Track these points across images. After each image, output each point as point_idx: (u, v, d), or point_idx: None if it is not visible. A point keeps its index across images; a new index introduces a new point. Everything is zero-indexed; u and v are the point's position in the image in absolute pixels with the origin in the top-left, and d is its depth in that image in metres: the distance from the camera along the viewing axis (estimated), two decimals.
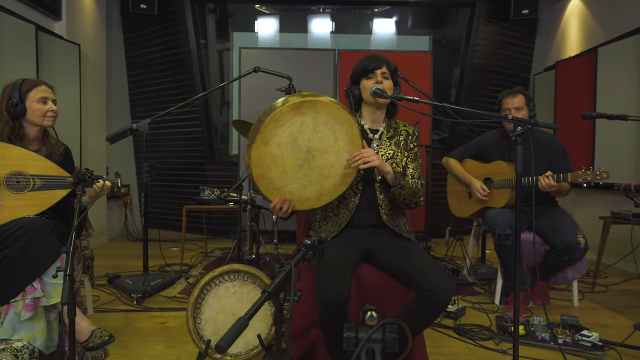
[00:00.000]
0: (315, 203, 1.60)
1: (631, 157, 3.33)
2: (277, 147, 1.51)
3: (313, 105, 1.51)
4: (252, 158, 1.50)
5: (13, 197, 1.67)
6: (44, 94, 1.81)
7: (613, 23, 3.65)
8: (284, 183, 1.55)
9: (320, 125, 1.53)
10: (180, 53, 4.64)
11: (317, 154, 1.55)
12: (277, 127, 1.50)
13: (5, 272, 1.56)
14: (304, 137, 1.53)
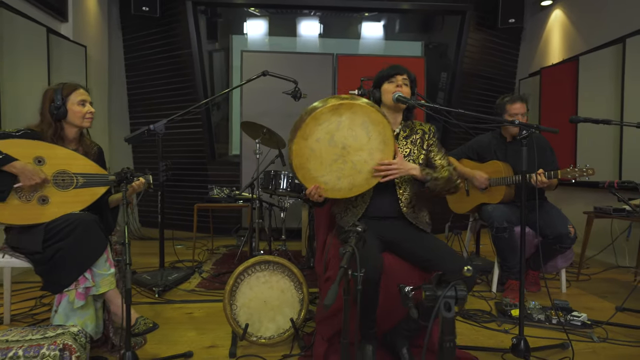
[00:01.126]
0: (347, 193, 1.78)
1: (609, 157, 3.64)
2: (315, 142, 1.69)
3: (350, 107, 1.68)
4: (292, 150, 1.69)
5: (60, 194, 1.79)
6: (83, 97, 1.93)
7: (593, 34, 3.96)
8: (319, 174, 1.72)
9: (356, 125, 1.70)
10: (181, 55, 4.73)
11: (351, 151, 1.72)
12: (317, 125, 1.68)
13: (60, 263, 1.67)
14: (341, 135, 1.70)
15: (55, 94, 1.85)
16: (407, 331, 1.76)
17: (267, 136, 3.46)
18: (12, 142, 1.70)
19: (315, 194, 1.73)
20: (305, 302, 1.99)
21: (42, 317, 2.28)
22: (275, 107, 4.53)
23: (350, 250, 1.10)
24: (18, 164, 1.64)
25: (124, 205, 1.72)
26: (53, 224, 1.72)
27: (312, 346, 1.89)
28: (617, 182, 2.33)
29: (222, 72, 5.38)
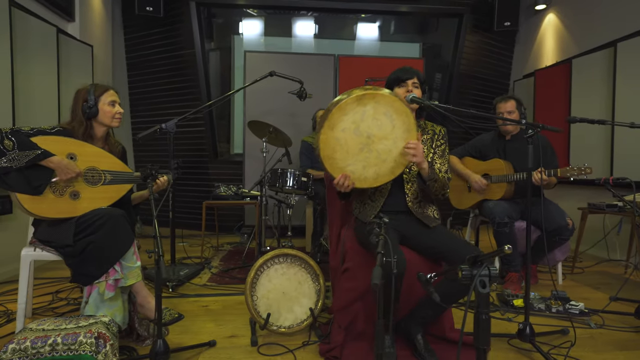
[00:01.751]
0: (373, 183, 1.82)
1: (600, 156, 3.81)
2: (341, 132, 1.73)
3: (373, 97, 1.72)
4: (320, 141, 1.73)
5: (89, 189, 1.86)
6: (113, 98, 2.01)
7: (585, 37, 4.13)
8: (346, 163, 1.76)
9: (380, 114, 1.74)
10: (183, 55, 4.79)
11: (376, 140, 1.76)
12: (342, 115, 1.72)
13: (91, 256, 1.75)
14: (365, 124, 1.74)
15: (89, 94, 1.92)
16: (422, 318, 1.87)
17: (273, 135, 3.55)
18: (46, 139, 1.76)
19: (345, 183, 1.75)
20: (322, 293, 2.09)
21: (63, 311, 2.34)
22: (278, 106, 4.62)
23: (383, 238, 1.20)
24: (55, 159, 1.71)
25: (152, 200, 1.80)
26: (84, 218, 1.79)
27: (329, 334, 1.98)
28: (612, 178, 2.47)
29: (218, 72, 5.40)
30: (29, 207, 1.69)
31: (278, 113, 4.57)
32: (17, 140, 1.67)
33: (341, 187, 1.77)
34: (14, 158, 1.65)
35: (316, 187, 3.51)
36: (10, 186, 1.66)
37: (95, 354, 1.56)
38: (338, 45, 5.75)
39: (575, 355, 1.85)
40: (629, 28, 3.58)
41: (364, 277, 1.94)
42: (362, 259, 1.95)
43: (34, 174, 1.70)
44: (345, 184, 1.75)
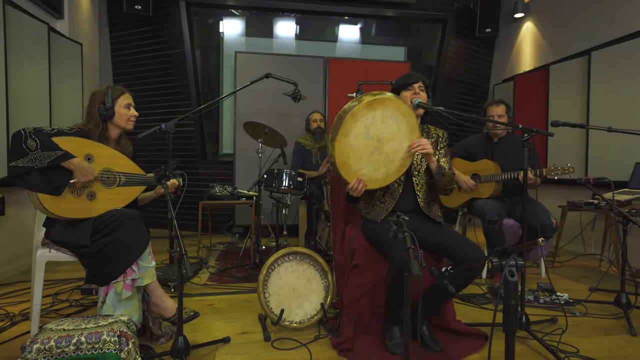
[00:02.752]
0: (383, 182, 1.91)
1: (576, 157, 4.06)
2: (354, 138, 1.81)
3: (382, 102, 1.82)
4: (335, 149, 1.78)
5: (105, 191, 1.87)
6: (128, 101, 2.03)
7: (561, 45, 4.38)
8: (359, 167, 1.84)
9: (387, 117, 1.84)
10: (173, 55, 4.76)
11: (385, 142, 1.85)
12: (355, 122, 1.79)
13: (108, 256, 1.76)
14: (375, 128, 1.82)
15: (106, 96, 1.94)
16: (425, 312, 1.98)
17: (269, 135, 3.60)
18: (66, 139, 1.77)
19: (359, 187, 1.83)
20: (330, 289, 2.18)
21: (67, 312, 2.33)
22: (268, 107, 4.67)
23: (409, 235, 1.30)
24: (76, 161, 1.72)
25: (169, 201, 1.84)
26: (101, 218, 1.80)
27: (339, 328, 2.07)
28: (592, 178, 2.67)
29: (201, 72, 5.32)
30: (49, 207, 1.69)
31: (269, 114, 4.62)
32: (40, 140, 1.68)
33: (355, 191, 1.85)
34: (35, 158, 1.66)
35: (310, 187, 3.59)
36: (31, 185, 1.66)
37: (119, 352, 1.59)
38: (320, 47, 5.77)
39: (566, 341, 2.01)
40: (602, 38, 3.84)
41: (373, 273, 2.04)
42: (370, 256, 2.05)
43: (54, 175, 1.71)
44: (359, 187, 1.83)
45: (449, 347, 1.92)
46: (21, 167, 1.66)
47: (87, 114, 1.98)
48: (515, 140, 3.13)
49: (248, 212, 4.70)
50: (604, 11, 3.88)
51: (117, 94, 1.99)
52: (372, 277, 2.06)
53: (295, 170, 3.48)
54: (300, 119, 4.72)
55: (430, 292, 1.97)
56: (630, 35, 3.57)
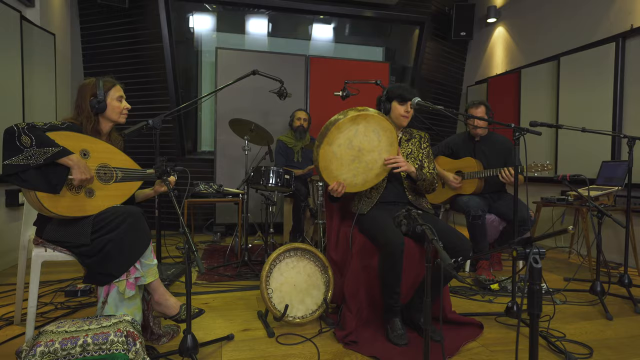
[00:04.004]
0: (361, 188, 2.14)
1: (547, 155, 4.30)
2: (337, 147, 2.03)
3: (365, 117, 2.02)
4: (319, 155, 2.01)
5: (103, 187, 1.81)
6: (120, 93, 1.96)
7: (532, 50, 4.62)
8: (339, 172, 2.07)
9: (370, 131, 2.06)
10: (150, 49, 4.61)
11: (365, 152, 2.07)
12: (339, 133, 2.01)
13: (111, 255, 1.70)
14: (357, 140, 2.05)
15: (97, 88, 1.87)
16: (420, 303, 2.06)
17: (254, 133, 3.58)
18: (59, 134, 1.69)
19: (339, 189, 2.04)
20: (331, 284, 2.20)
21: (53, 315, 2.23)
22: (249, 104, 4.63)
23: (427, 227, 1.35)
24: (74, 157, 1.65)
25: (173, 198, 1.81)
26: (101, 216, 1.74)
27: (340, 321, 2.11)
28: (569, 175, 2.85)
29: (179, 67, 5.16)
30: (49, 206, 1.61)
31: (250, 111, 4.58)
32: (35, 136, 1.59)
33: (335, 192, 2.06)
34: (31, 155, 1.57)
35: (296, 185, 3.60)
36: (28, 184, 1.58)
37: (127, 352, 1.55)
38: (292, 44, 5.74)
39: (553, 327, 2.14)
40: (570, 45, 4.09)
41: (370, 265, 2.11)
42: (366, 249, 2.12)
43: (51, 172, 1.62)
44: (339, 189, 2.05)
45: (448, 336, 2.00)
46: (17, 165, 1.57)
47: (76, 107, 1.89)
48: (496, 140, 3.29)
49: (230, 210, 4.64)
50: (571, 20, 4.13)
51: (108, 86, 1.93)
52: (369, 269, 2.11)
53: (282, 168, 3.47)
54: (283, 117, 4.71)
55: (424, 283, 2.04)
56: (595, 43, 3.82)
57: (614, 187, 3.18)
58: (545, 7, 4.47)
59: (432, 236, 1.30)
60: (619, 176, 3.25)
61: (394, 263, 1.92)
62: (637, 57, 3.52)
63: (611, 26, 3.72)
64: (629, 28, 3.56)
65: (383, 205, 2.25)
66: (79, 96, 1.88)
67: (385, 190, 2.26)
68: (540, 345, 1.96)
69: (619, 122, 3.63)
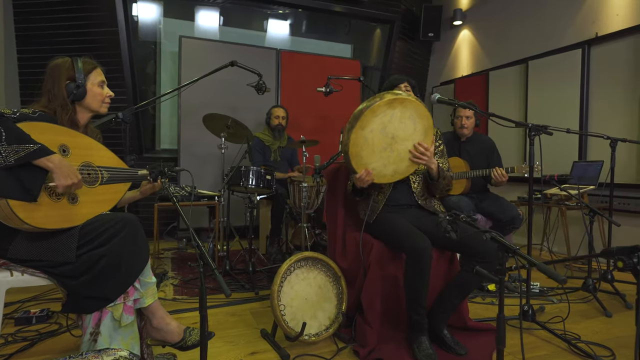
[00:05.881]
0: (390, 179, 1.94)
1: (517, 154, 4.45)
2: (370, 132, 1.82)
3: (402, 102, 1.82)
4: (350, 139, 1.81)
5: (87, 191, 1.46)
6: (102, 77, 1.64)
7: (498, 54, 4.76)
8: (369, 161, 1.86)
9: (406, 118, 1.86)
10: (103, 33, 4.09)
11: (399, 140, 1.88)
12: (374, 117, 1.81)
13: (105, 273, 1.38)
14: (392, 126, 1.85)
15: (75, 71, 1.52)
16: (443, 313, 1.93)
17: (231, 130, 3.28)
18: (33, 127, 1.32)
19: (366, 178, 1.84)
20: (344, 295, 2.01)
21: (7, 352, 1.81)
22: (216, 99, 4.29)
23: (496, 234, 1.22)
24: (56, 159, 1.29)
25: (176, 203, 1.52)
26: (89, 226, 1.40)
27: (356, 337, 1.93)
28: (556, 175, 2.91)
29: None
30: (24, 217, 1.25)
31: (217, 106, 4.22)
32: (6, 129, 1.22)
33: (361, 182, 1.87)
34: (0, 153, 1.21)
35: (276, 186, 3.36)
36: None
37: None
38: (245, 35, 5.30)
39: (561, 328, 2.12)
40: (538, 49, 4.26)
41: (386, 272, 1.96)
42: (381, 255, 1.95)
43: (24, 173, 1.26)
44: (366, 178, 1.85)
45: (473, 347, 1.89)
46: None
47: (47, 92, 1.53)
48: (481, 141, 3.29)
49: (196, 214, 4.26)
50: (538, 26, 4.29)
51: (89, 68, 1.59)
52: (386, 277, 1.96)
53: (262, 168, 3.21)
54: (254, 112, 4.43)
55: (448, 291, 1.93)
56: (562, 49, 4.00)
57: (589, 187, 3.32)
58: (510, 12, 4.62)
59: (512, 247, 1.17)
60: (591, 176, 3.40)
61: (422, 270, 1.77)
62: (601, 63, 3.72)
63: (577, 33, 3.91)
64: (594, 36, 3.76)
65: (391, 208, 2.08)
66: (50, 79, 1.53)
67: (392, 193, 2.09)
68: (562, 348, 1.94)
69: (585, 123, 3.82)
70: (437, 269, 2.03)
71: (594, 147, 3.79)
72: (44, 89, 1.55)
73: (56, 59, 1.59)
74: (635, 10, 3.48)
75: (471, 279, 1.88)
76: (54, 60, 1.59)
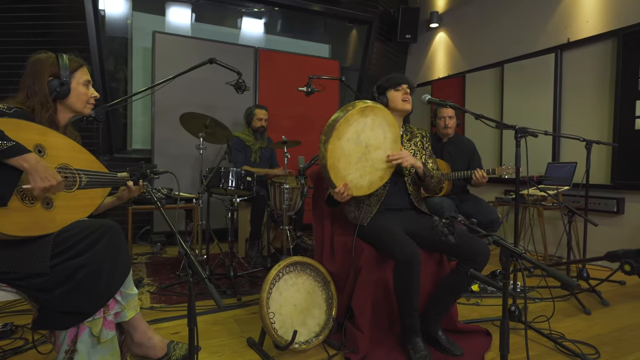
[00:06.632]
0: (367, 190, 1.91)
1: (492, 157, 4.54)
2: (346, 142, 1.79)
3: (373, 110, 1.83)
4: (328, 150, 1.75)
5: (64, 196, 1.35)
6: (88, 77, 1.54)
7: (474, 56, 4.84)
8: (347, 172, 1.82)
9: (377, 126, 1.86)
10: (70, 26, 3.86)
11: (372, 149, 1.87)
12: (348, 126, 1.78)
13: (83, 285, 1.27)
14: (365, 134, 1.83)
15: (60, 67, 1.40)
16: (436, 315, 1.92)
17: (210, 130, 3.16)
18: (7, 123, 1.20)
19: (345, 193, 1.80)
20: (334, 301, 1.96)
21: None
22: (193, 98, 4.14)
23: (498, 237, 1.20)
24: (32, 158, 1.17)
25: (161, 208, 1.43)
26: (65, 234, 1.29)
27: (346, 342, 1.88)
28: (536, 176, 2.97)
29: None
30: None
31: (192, 105, 4.07)
32: None
33: (340, 197, 1.81)
34: None
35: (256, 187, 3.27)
36: None
37: None
38: (218, 32, 5.10)
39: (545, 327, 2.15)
40: (512, 53, 4.36)
41: (377, 277, 1.93)
42: (371, 259, 1.92)
43: None
44: (345, 193, 1.80)
45: (464, 348, 1.89)
46: None
47: (26, 88, 1.41)
48: (462, 142, 3.32)
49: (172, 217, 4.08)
50: (513, 30, 4.39)
51: (74, 66, 1.49)
52: (376, 281, 1.92)
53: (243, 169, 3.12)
54: (232, 112, 4.31)
55: (440, 293, 1.92)
56: (536, 53, 4.11)
57: (564, 187, 3.41)
58: (485, 17, 4.71)
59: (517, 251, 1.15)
60: (566, 176, 3.50)
61: (412, 275, 1.74)
62: (573, 67, 3.84)
63: (550, 38, 4.02)
64: (566, 41, 3.88)
65: (385, 212, 2.04)
66: (31, 74, 1.41)
67: (387, 197, 2.04)
68: (549, 348, 1.96)
69: (558, 126, 3.94)
70: (426, 270, 2.01)
71: (566, 149, 3.91)
72: (22, 84, 1.44)
73: (38, 54, 1.48)
74: (603, 17, 3.62)
75: (463, 281, 1.87)
76: (36, 55, 1.48)
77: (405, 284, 1.76)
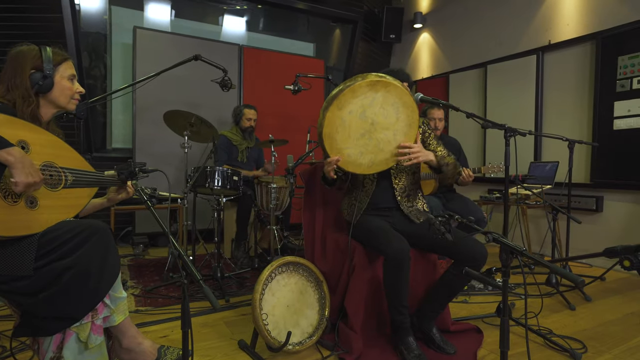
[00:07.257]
0: (366, 170, 1.81)
1: (474, 156, 4.60)
2: (348, 114, 1.71)
3: (386, 85, 1.70)
4: (325, 118, 1.69)
5: (49, 195, 1.28)
6: (72, 71, 1.48)
7: (458, 57, 4.91)
8: (344, 145, 1.74)
9: (388, 104, 1.74)
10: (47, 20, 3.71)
11: (378, 128, 1.75)
12: (353, 97, 1.69)
13: (70, 288, 1.20)
14: (372, 111, 1.73)
15: (42, 60, 1.33)
16: (432, 312, 1.92)
17: (195, 128, 3.09)
18: None
19: (332, 164, 1.73)
20: (327, 300, 1.94)
21: None
22: (176, 96, 4.05)
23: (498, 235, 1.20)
24: (17, 152, 1.10)
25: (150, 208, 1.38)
26: (50, 235, 1.22)
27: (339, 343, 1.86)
28: (521, 175, 3.02)
29: None
30: None
31: (175, 103, 3.98)
32: None
33: (327, 165, 1.77)
34: None
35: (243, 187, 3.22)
36: None
37: None
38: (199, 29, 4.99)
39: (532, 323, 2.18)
40: (494, 54, 4.43)
41: (370, 276, 1.92)
42: (364, 258, 1.90)
43: None
44: (332, 165, 1.74)
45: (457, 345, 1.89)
46: None
47: (6, 81, 1.34)
48: (447, 142, 3.35)
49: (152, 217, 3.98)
50: (495, 31, 4.47)
51: (58, 59, 1.42)
52: (370, 281, 1.91)
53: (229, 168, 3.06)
54: (216, 110, 4.24)
55: (436, 292, 1.92)
56: (518, 54, 4.19)
57: (547, 186, 3.48)
58: (468, 18, 4.78)
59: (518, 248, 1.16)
60: (548, 175, 3.57)
61: (402, 271, 1.73)
62: (554, 69, 3.94)
63: (532, 40, 4.11)
64: (547, 43, 3.97)
65: (373, 211, 1.98)
66: (12, 67, 1.34)
67: (374, 193, 1.99)
68: (538, 343, 1.98)
69: (540, 126, 4.02)
70: (419, 268, 2.02)
71: (547, 148, 4.00)
72: (2, 77, 1.36)
73: (20, 46, 1.41)
74: (583, 20, 3.72)
75: (461, 280, 1.86)
76: (17, 47, 1.41)
77: (395, 280, 1.74)
